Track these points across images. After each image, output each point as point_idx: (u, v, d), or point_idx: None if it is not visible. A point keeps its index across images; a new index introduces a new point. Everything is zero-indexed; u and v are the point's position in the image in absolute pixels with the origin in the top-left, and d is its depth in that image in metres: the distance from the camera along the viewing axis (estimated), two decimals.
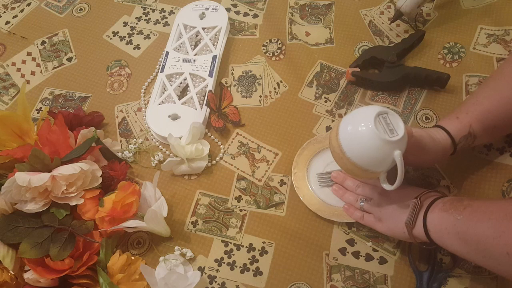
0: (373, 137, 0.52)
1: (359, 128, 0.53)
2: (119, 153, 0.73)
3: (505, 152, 0.69)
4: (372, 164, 0.54)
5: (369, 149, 0.53)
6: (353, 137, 0.53)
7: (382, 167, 0.54)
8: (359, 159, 0.54)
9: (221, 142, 0.74)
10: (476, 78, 0.76)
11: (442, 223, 0.53)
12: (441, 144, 0.60)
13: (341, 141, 0.54)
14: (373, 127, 0.52)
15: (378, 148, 0.52)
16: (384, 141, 0.52)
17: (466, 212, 0.51)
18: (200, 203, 0.69)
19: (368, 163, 0.54)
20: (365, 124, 0.52)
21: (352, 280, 0.62)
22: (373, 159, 0.53)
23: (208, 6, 0.86)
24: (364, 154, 0.53)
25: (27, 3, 0.93)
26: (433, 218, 0.54)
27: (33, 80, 0.83)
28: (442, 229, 0.53)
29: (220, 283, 0.63)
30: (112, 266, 0.61)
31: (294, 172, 0.70)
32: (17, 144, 0.66)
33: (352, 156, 0.54)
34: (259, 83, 0.80)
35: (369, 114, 0.53)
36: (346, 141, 0.54)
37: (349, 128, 0.54)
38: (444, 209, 0.54)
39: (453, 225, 0.52)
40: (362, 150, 0.53)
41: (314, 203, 0.67)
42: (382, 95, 0.76)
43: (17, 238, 0.60)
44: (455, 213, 0.52)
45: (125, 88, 0.81)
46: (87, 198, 0.64)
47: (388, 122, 0.53)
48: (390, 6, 0.86)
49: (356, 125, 0.53)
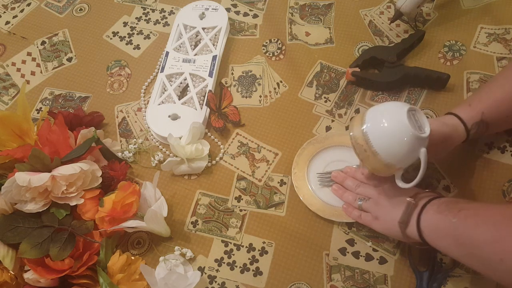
0: (406, 132, 0.52)
1: (391, 122, 0.53)
2: (119, 153, 0.73)
3: (506, 152, 0.69)
4: (398, 159, 0.54)
5: (399, 144, 0.52)
6: (383, 130, 0.53)
7: (406, 163, 0.55)
8: (386, 154, 0.54)
9: (221, 142, 0.74)
10: (477, 75, 0.76)
11: (436, 225, 0.53)
12: (456, 131, 0.61)
13: (368, 134, 0.54)
14: (407, 122, 0.52)
15: (408, 144, 0.52)
16: (415, 137, 0.52)
17: (461, 215, 0.51)
18: (200, 203, 0.69)
19: (394, 158, 0.54)
20: (398, 118, 0.52)
21: (352, 280, 0.62)
22: (400, 154, 0.53)
23: (208, 6, 0.86)
24: (392, 148, 0.53)
25: (27, 3, 0.93)
26: (427, 219, 0.54)
27: (33, 80, 0.83)
28: (436, 231, 0.53)
29: (220, 283, 0.63)
30: (112, 266, 0.61)
31: (294, 172, 0.70)
32: (17, 144, 0.66)
33: (379, 150, 0.53)
34: (259, 83, 0.80)
35: (401, 109, 0.53)
36: (374, 134, 0.54)
37: (378, 121, 0.54)
38: (438, 210, 0.54)
39: (447, 228, 0.51)
40: (391, 144, 0.53)
41: (314, 203, 0.67)
42: (382, 95, 0.76)
43: (17, 238, 0.60)
44: (450, 215, 0.52)
45: (125, 88, 0.81)
46: (87, 198, 0.64)
47: (416, 119, 0.54)
48: (390, 6, 0.86)
49: (387, 119, 0.53)
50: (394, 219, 0.57)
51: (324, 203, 0.67)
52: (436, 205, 0.55)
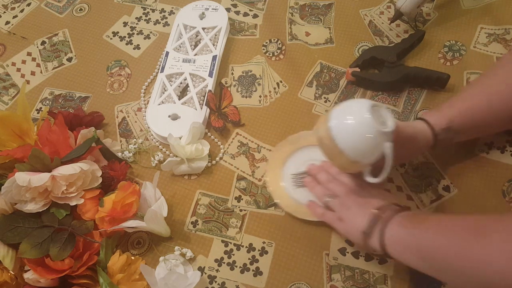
0: (369, 127, 0.52)
1: (355, 119, 0.53)
2: (119, 153, 0.73)
3: (506, 152, 0.69)
4: (363, 155, 0.54)
5: (363, 140, 0.53)
6: (347, 127, 0.54)
7: (371, 158, 0.55)
8: (351, 150, 0.54)
9: (221, 142, 0.74)
10: (477, 75, 0.76)
11: (399, 239, 0.53)
12: (423, 134, 0.60)
13: (332, 132, 0.54)
14: (370, 118, 0.52)
15: (371, 139, 0.52)
16: (378, 132, 0.52)
17: (423, 227, 0.51)
18: (200, 203, 0.69)
19: (359, 154, 0.54)
20: (361, 114, 0.53)
21: (352, 280, 0.62)
22: (364, 150, 0.54)
23: (208, 6, 0.86)
24: (357, 144, 0.54)
25: (27, 3, 0.93)
26: (390, 233, 0.54)
27: (33, 80, 0.83)
28: (399, 245, 0.53)
29: (220, 283, 0.63)
30: (112, 266, 0.61)
31: (268, 174, 0.70)
32: (17, 144, 0.66)
33: (343, 147, 0.54)
34: (259, 83, 0.80)
35: (364, 106, 0.53)
36: (338, 131, 0.54)
37: (342, 119, 0.54)
38: (402, 224, 0.54)
39: (410, 241, 0.52)
40: (355, 141, 0.54)
41: (289, 204, 0.67)
42: (382, 95, 0.76)
43: (17, 238, 0.60)
44: (412, 228, 0.52)
45: (125, 88, 0.81)
46: (87, 198, 0.64)
47: (380, 115, 0.54)
48: (390, 6, 0.86)
49: (351, 116, 0.54)
50: (357, 226, 0.57)
51: (299, 204, 0.67)
52: (400, 218, 0.54)
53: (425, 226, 0.51)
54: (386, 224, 0.54)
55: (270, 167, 0.70)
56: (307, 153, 0.71)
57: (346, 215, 0.59)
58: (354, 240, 0.59)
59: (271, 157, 0.71)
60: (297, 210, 0.66)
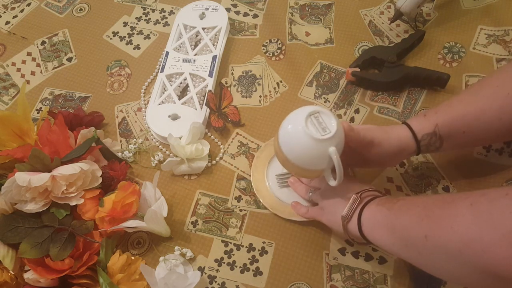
0: (305, 137, 0.52)
1: (293, 129, 0.54)
2: (119, 153, 0.73)
3: (504, 153, 0.69)
4: (310, 163, 0.55)
5: (304, 149, 0.53)
6: (289, 137, 0.55)
7: (321, 164, 0.55)
8: (297, 159, 0.55)
9: (221, 142, 0.74)
10: (476, 78, 0.76)
11: (375, 217, 0.54)
12: (398, 139, 0.59)
13: (280, 142, 0.56)
14: (304, 127, 0.52)
15: (311, 147, 0.53)
16: (316, 140, 0.52)
17: (396, 206, 0.52)
18: (200, 203, 0.69)
19: (305, 162, 0.55)
20: (297, 124, 0.53)
21: (352, 280, 0.62)
22: (309, 158, 0.54)
23: (208, 6, 0.86)
24: (300, 153, 0.54)
25: (27, 3, 0.93)
26: (367, 213, 0.55)
27: (33, 80, 0.83)
28: (374, 223, 0.54)
29: (220, 283, 0.63)
30: (112, 266, 0.61)
31: (253, 175, 0.70)
32: (17, 144, 0.66)
33: (290, 156, 0.55)
34: (259, 83, 0.80)
35: (301, 115, 0.54)
36: (284, 142, 0.55)
37: (285, 129, 0.55)
38: (379, 203, 0.54)
39: (384, 218, 0.52)
40: (298, 150, 0.54)
41: (274, 204, 0.67)
42: (382, 95, 0.76)
43: (17, 238, 0.60)
44: (387, 206, 0.53)
45: (125, 88, 0.81)
46: (87, 198, 0.64)
47: (320, 121, 0.54)
48: (390, 6, 0.86)
49: (290, 126, 0.55)
50: (338, 213, 0.57)
51: (283, 204, 0.67)
52: (377, 200, 0.55)
53: (398, 206, 0.51)
54: (364, 207, 0.55)
55: (255, 167, 0.71)
56: None
57: (326, 205, 0.60)
58: (336, 229, 0.59)
59: (256, 158, 0.71)
60: (282, 210, 0.66)
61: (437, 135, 0.59)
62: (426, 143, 0.59)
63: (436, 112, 0.60)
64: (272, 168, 0.71)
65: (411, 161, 0.70)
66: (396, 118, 0.74)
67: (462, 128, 0.58)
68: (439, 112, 0.60)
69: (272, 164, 0.71)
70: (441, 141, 0.59)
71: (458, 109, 0.59)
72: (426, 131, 0.59)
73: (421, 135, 0.59)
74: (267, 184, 0.69)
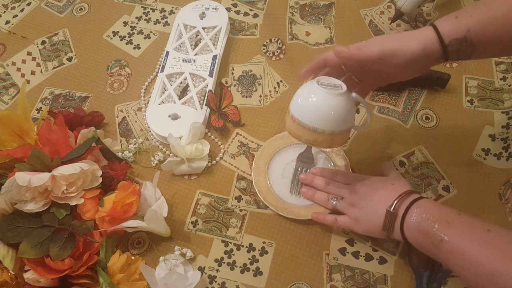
0: (330, 99, 0.54)
1: (313, 98, 0.55)
2: (119, 153, 0.73)
3: (502, 157, 0.69)
4: (342, 121, 0.56)
5: (333, 110, 0.55)
6: (312, 108, 0.55)
7: (350, 119, 0.57)
8: (328, 124, 0.55)
9: (221, 142, 0.74)
10: (475, 81, 0.76)
11: (421, 245, 0.53)
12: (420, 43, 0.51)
13: (303, 119, 0.56)
14: (324, 91, 0.54)
15: (338, 105, 0.55)
16: (340, 96, 0.54)
17: (443, 249, 0.50)
18: (200, 203, 0.69)
19: (337, 123, 0.55)
20: (315, 93, 0.55)
21: (352, 280, 0.62)
22: (340, 116, 0.55)
23: (208, 6, 0.86)
24: (331, 117, 0.55)
25: (27, 2, 0.93)
26: (410, 235, 0.54)
27: (33, 80, 0.83)
28: (421, 248, 0.54)
29: (220, 283, 0.63)
30: (112, 266, 0.61)
31: (254, 175, 0.69)
32: (17, 144, 0.66)
33: (320, 126, 0.55)
34: (259, 83, 0.79)
35: (311, 85, 0.56)
36: (308, 115, 0.55)
37: (296, 99, 0.57)
38: (419, 229, 0.53)
39: (432, 252, 0.52)
40: (326, 115, 0.55)
41: (276, 203, 0.67)
42: (382, 95, 0.76)
43: (17, 238, 0.60)
44: (432, 243, 0.51)
45: (125, 88, 0.81)
46: (87, 198, 0.63)
47: (327, 84, 0.56)
48: (390, 6, 0.86)
49: (307, 98, 0.56)
50: (375, 224, 0.57)
51: (285, 202, 0.67)
52: (416, 219, 0.53)
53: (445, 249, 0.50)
54: (403, 222, 0.54)
55: (255, 166, 0.70)
56: (293, 151, 0.71)
57: (360, 215, 0.59)
58: (379, 236, 0.58)
59: (256, 158, 0.71)
60: (284, 209, 0.66)
61: (468, 41, 0.51)
62: (455, 49, 0.52)
63: (471, 15, 0.51)
64: (273, 167, 0.70)
65: (411, 161, 0.70)
66: (396, 118, 0.74)
67: (501, 33, 0.50)
68: (474, 15, 0.51)
69: (274, 163, 0.71)
70: (473, 48, 0.52)
71: (499, 9, 0.50)
72: (455, 35, 0.51)
73: (449, 40, 0.51)
74: (269, 183, 0.69)
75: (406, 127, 0.73)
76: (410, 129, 0.73)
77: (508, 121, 0.72)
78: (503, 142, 0.70)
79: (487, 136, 0.71)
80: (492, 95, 0.75)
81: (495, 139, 0.71)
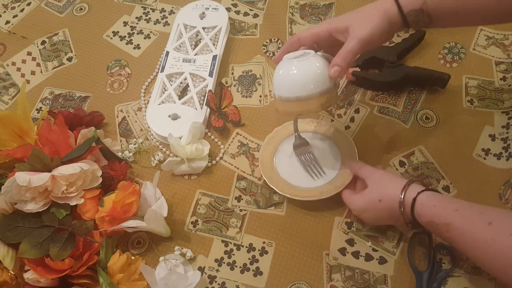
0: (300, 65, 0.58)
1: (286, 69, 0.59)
2: (119, 153, 0.73)
3: (502, 158, 0.69)
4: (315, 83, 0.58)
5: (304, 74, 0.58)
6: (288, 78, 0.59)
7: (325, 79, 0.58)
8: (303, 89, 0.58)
9: (221, 142, 0.74)
10: (475, 81, 0.76)
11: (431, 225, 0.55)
12: (384, 13, 0.56)
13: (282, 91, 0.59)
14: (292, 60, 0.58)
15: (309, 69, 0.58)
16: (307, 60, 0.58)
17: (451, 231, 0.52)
18: (200, 203, 0.69)
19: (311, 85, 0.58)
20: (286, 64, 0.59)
21: (352, 280, 0.62)
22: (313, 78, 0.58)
23: (208, 6, 0.86)
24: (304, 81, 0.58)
25: (27, 2, 0.93)
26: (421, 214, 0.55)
27: (33, 80, 0.83)
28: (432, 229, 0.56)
29: (220, 283, 0.63)
30: (112, 266, 0.61)
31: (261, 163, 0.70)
32: (17, 144, 0.66)
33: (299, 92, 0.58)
34: (259, 83, 0.80)
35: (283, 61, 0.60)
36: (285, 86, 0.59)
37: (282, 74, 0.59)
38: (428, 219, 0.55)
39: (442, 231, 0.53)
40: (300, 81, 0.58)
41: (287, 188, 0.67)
42: (382, 95, 0.76)
43: (17, 238, 0.60)
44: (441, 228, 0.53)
45: (125, 88, 0.81)
46: (87, 198, 0.64)
47: (297, 55, 0.60)
48: None
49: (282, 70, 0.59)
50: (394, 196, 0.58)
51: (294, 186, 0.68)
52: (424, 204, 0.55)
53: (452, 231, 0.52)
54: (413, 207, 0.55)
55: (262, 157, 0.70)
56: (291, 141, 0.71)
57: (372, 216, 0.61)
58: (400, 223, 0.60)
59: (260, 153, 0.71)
60: (295, 193, 0.66)
61: (424, 12, 0.55)
62: (413, 19, 0.56)
63: None
64: (280, 155, 0.71)
65: (411, 161, 0.70)
66: (396, 118, 0.74)
67: (454, 7, 0.55)
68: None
69: (280, 152, 0.71)
70: (430, 18, 0.56)
71: None
72: (412, 6, 0.55)
73: (408, 10, 0.56)
74: (276, 171, 0.69)
75: (406, 127, 0.73)
76: (410, 129, 0.73)
77: (508, 121, 0.72)
78: (503, 142, 0.70)
79: (487, 136, 0.71)
80: (492, 95, 0.75)
81: (495, 139, 0.71)
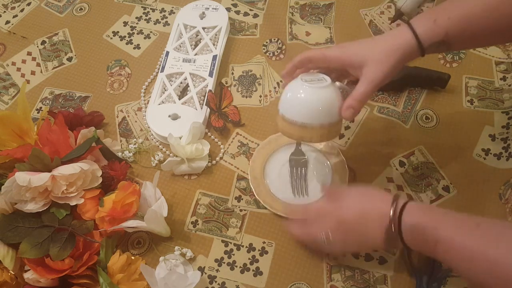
0: (316, 93, 0.56)
1: (301, 94, 0.56)
2: (119, 153, 0.73)
3: (502, 158, 0.69)
4: (329, 113, 0.57)
5: (319, 103, 0.56)
6: (301, 103, 0.57)
7: (337, 110, 0.57)
8: (316, 118, 0.56)
9: (221, 142, 0.74)
10: (475, 81, 0.76)
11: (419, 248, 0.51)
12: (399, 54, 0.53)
13: (291, 116, 0.57)
14: (310, 86, 0.56)
15: (326, 97, 0.56)
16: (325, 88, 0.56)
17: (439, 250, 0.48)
18: (200, 203, 0.69)
19: (325, 114, 0.57)
20: (301, 90, 0.56)
21: (352, 280, 0.62)
22: (327, 108, 0.56)
23: (208, 6, 0.86)
24: (318, 110, 0.56)
25: (27, 2, 0.93)
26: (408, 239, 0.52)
27: (33, 80, 0.83)
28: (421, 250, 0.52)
29: (220, 283, 0.63)
30: (112, 266, 0.61)
31: (251, 175, 0.69)
32: (17, 144, 0.66)
33: (310, 120, 0.56)
34: (259, 83, 0.79)
35: (295, 82, 0.58)
36: (296, 111, 0.57)
37: (293, 99, 0.57)
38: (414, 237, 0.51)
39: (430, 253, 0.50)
40: (314, 109, 0.56)
41: (273, 203, 0.67)
42: (382, 95, 0.76)
43: (17, 238, 0.60)
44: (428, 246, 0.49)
45: (125, 88, 0.81)
46: (87, 198, 0.63)
47: (309, 79, 0.58)
48: (390, 6, 0.86)
49: (294, 94, 0.57)
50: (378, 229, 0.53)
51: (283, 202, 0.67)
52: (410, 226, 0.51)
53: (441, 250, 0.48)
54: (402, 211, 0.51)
55: (251, 169, 0.70)
56: (288, 151, 0.71)
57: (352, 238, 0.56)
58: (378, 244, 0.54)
59: (252, 161, 0.71)
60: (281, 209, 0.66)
61: (445, 43, 0.53)
62: (433, 50, 0.54)
63: (449, 18, 0.52)
64: (270, 167, 0.70)
65: (411, 161, 0.70)
66: (396, 118, 0.74)
67: (475, 30, 0.52)
68: (452, 18, 0.52)
69: (270, 164, 0.71)
70: (449, 47, 0.54)
71: (469, 8, 0.51)
72: (433, 39, 0.52)
73: (428, 44, 0.53)
74: (266, 182, 0.69)
75: (406, 127, 0.73)
76: (410, 129, 0.73)
77: (508, 121, 0.72)
78: (503, 142, 0.70)
79: (487, 136, 0.71)
80: (492, 95, 0.75)
81: (495, 139, 0.71)
